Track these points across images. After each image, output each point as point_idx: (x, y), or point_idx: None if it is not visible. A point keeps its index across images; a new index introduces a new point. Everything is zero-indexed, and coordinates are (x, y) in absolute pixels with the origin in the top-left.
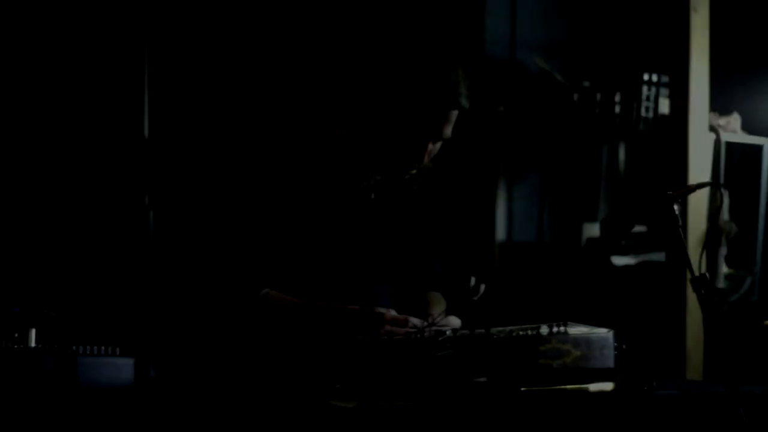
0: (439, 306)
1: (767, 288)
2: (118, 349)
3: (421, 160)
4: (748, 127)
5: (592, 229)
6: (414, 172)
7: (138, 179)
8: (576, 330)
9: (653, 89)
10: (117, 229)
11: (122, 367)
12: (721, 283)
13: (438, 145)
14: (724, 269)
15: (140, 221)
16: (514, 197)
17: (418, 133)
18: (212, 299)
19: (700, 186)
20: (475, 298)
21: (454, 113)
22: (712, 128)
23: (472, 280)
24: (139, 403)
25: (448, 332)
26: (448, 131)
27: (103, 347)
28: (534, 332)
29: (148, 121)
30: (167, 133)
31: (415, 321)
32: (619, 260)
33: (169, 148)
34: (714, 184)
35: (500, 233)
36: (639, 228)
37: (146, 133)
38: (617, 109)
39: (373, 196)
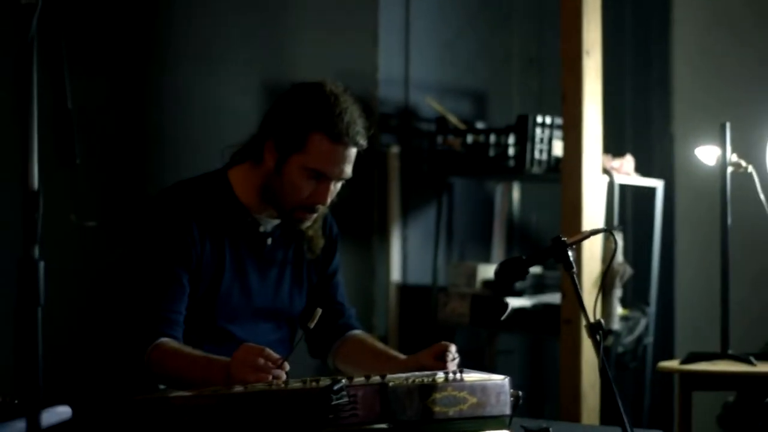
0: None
1: (662, 329)
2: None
3: (325, 200)
4: (641, 170)
5: (487, 271)
6: (315, 215)
7: (26, 230)
8: (472, 377)
9: (547, 131)
10: (5, 281)
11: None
12: (615, 325)
13: (339, 185)
14: (618, 311)
15: (29, 272)
16: (409, 239)
17: (320, 174)
18: (108, 350)
19: (594, 233)
20: (311, 325)
21: (354, 152)
22: (606, 170)
23: (317, 311)
24: None
25: (343, 381)
26: (348, 171)
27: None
28: (430, 380)
29: (38, 171)
30: (58, 182)
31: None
32: (514, 302)
33: (59, 197)
34: (608, 230)
35: (395, 275)
36: (534, 270)
37: (35, 186)
38: (511, 151)
39: (269, 242)
